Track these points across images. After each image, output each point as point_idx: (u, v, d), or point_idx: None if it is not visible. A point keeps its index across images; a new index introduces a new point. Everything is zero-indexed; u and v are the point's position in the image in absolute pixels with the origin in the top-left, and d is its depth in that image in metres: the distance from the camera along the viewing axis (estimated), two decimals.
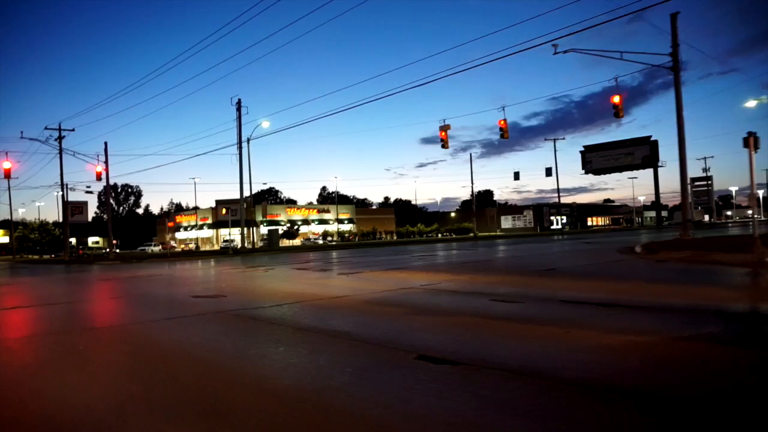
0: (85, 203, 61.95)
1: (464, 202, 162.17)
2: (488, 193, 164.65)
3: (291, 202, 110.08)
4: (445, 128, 28.87)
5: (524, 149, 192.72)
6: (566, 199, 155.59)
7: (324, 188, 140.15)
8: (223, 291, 10.99)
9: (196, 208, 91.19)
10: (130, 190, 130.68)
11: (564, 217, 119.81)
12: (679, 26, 21.96)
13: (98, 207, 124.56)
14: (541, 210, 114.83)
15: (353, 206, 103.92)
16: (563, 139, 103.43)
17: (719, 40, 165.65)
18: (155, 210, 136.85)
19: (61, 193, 48.70)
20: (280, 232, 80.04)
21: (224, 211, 39.74)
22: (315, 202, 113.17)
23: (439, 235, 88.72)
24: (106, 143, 39.44)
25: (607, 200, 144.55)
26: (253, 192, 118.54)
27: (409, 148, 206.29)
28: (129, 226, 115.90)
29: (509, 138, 29.19)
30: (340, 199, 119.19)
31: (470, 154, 71.73)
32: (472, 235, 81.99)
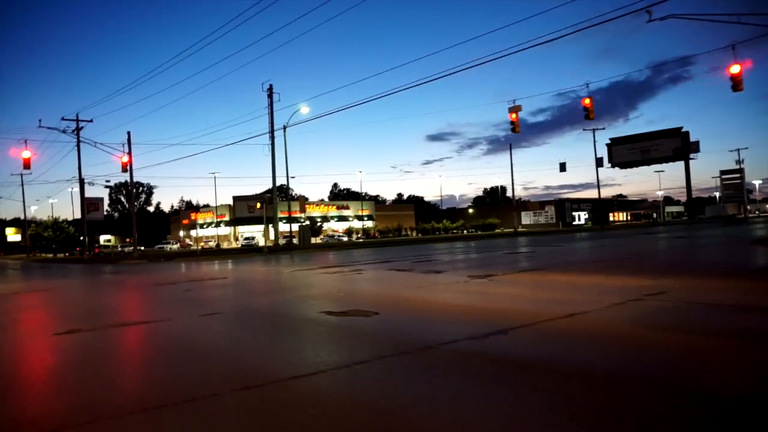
0: (101, 200, 59.37)
1: (476, 199, 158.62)
2: (501, 189, 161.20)
3: (303, 199, 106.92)
4: (516, 109, 25.66)
5: (531, 145, 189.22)
6: (573, 195, 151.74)
7: (335, 185, 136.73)
8: (355, 304, 7.89)
9: (207, 206, 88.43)
10: (141, 187, 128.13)
11: (585, 213, 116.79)
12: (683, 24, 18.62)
13: (109, 204, 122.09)
14: (563, 205, 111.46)
15: (373, 202, 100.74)
16: (603, 129, 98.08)
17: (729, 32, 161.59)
18: (166, 208, 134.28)
19: (78, 188, 45.85)
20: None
21: (258, 205, 36.64)
22: (326, 199, 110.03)
23: (465, 232, 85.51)
24: (129, 133, 36.52)
25: (620, 195, 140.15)
26: (277, 184, 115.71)
27: (415, 145, 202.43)
28: (141, 223, 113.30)
29: (513, 134, 26.16)
30: (352, 196, 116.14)
31: (509, 145, 67.96)
32: (502, 230, 78.82)
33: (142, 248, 61.07)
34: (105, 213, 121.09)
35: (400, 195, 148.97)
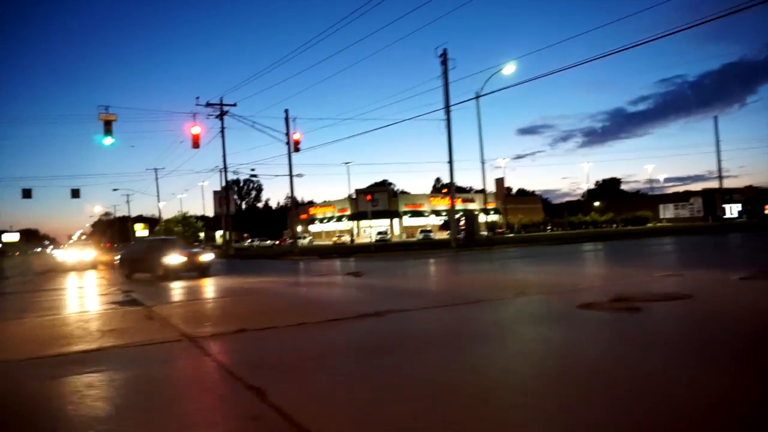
0: (230, 194, 56.70)
1: (590, 191, 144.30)
2: (615, 181, 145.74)
3: (403, 194, 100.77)
4: None
5: (631, 136, 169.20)
6: (679, 189, 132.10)
7: (438, 179, 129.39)
8: None
9: (314, 202, 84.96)
10: (251, 184, 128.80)
11: (739, 205, 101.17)
12: None
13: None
14: (712, 196, 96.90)
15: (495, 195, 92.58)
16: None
17: None
18: (272, 204, 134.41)
19: (209, 182, 42.46)
20: (439, 222, 70.73)
21: (445, 190, 30.42)
22: (428, 193, 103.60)
23: (615, 226, 75.56)
24: (287, 111, 31.91)
25: (748, 186, 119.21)
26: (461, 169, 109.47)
27: (506, 138, 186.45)
28: (253, 219, 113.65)
29: (611, 125, 17.26)
30: (458, 190, 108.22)
31: (715, 118, 57.59)
32: (655, 224, 67.90)
33: (277, 242, 57.67)
34: (217, 209, 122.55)
35: (509, 189, 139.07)
